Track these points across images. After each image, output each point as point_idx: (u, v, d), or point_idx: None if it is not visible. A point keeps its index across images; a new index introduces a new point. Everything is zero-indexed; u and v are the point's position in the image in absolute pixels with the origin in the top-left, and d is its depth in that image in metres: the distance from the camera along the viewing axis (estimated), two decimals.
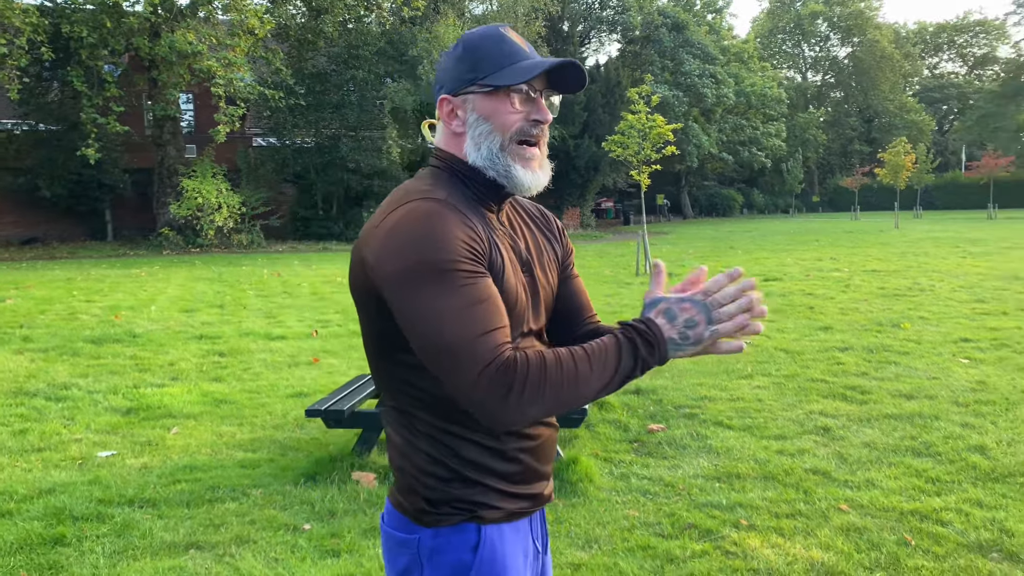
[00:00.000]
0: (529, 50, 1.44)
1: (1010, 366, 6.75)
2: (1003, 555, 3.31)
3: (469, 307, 1.27)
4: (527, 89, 1.41)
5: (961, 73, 74.66)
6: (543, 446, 1.49)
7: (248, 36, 21.97)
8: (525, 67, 1.39)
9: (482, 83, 1.41)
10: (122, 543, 3.60)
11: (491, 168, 1.42)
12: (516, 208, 1.58)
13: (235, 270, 18.09)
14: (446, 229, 1.30)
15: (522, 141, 1.42)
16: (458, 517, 1.41)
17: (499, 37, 1.44)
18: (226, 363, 7.66)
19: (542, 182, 1.46)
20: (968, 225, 32.43)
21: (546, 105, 1.45)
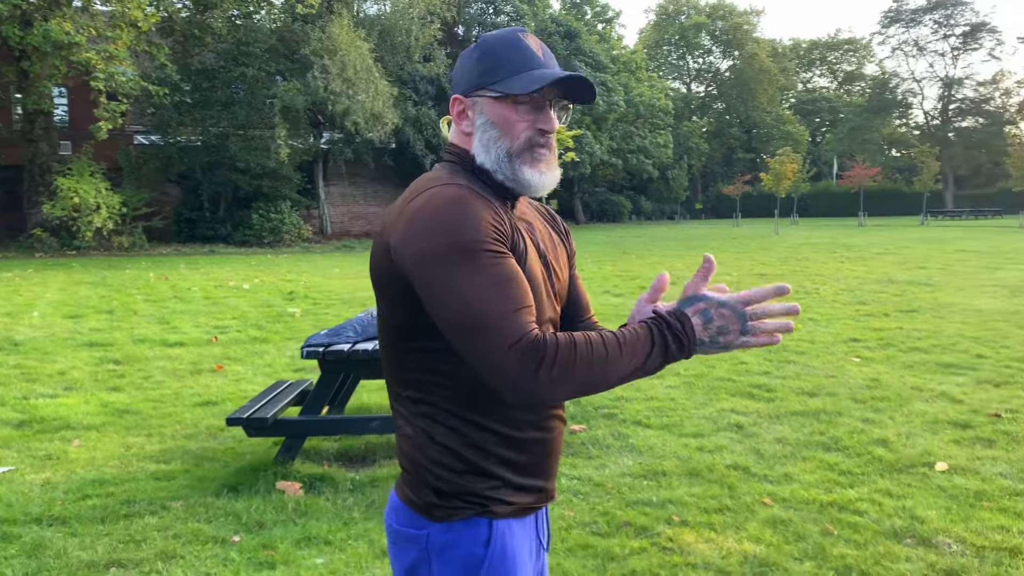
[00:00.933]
0: (543, 57, 1.46)
1: (898, 364, 7.20)
2: (916, 540, 3.52)
3: (498, 285, 1.29)
4: (537, 98, 1.44)
5: (832, 88, 79.06)
6: (555, 439, 1.52)
7: (131, 29, 20.96)
8: (535, 77, 1.41)
9: (492, 88, 1.43)
10: (35, 564, 3.37)
11: (499, 172, 1.45)
12: (530, 210, 1.62)
13: (118, 274, 17.22)
14: (472, 211, 1.32)
15: (531, 146, 1.45)
16: (469, 511, 1.41)
17: (515, 42, 1.45)
18: (123, 371, 7.28)
19: (550, 183, 1.48)
20: (841, 232, 34.38)
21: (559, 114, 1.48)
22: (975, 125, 62.74)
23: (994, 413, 5.47)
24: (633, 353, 1.31)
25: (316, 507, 3.98)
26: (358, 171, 34.46)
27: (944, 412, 5.54)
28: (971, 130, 62.40)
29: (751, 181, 55.26)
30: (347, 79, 26.19)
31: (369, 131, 27.65)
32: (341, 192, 35.23)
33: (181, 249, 26.04)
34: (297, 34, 27.95)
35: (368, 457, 4.82)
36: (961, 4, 62.80)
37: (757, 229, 38.97)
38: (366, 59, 26.95)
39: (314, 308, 11.54)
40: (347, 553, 3.47)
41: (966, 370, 6.85)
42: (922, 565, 3.28)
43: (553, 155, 1.49)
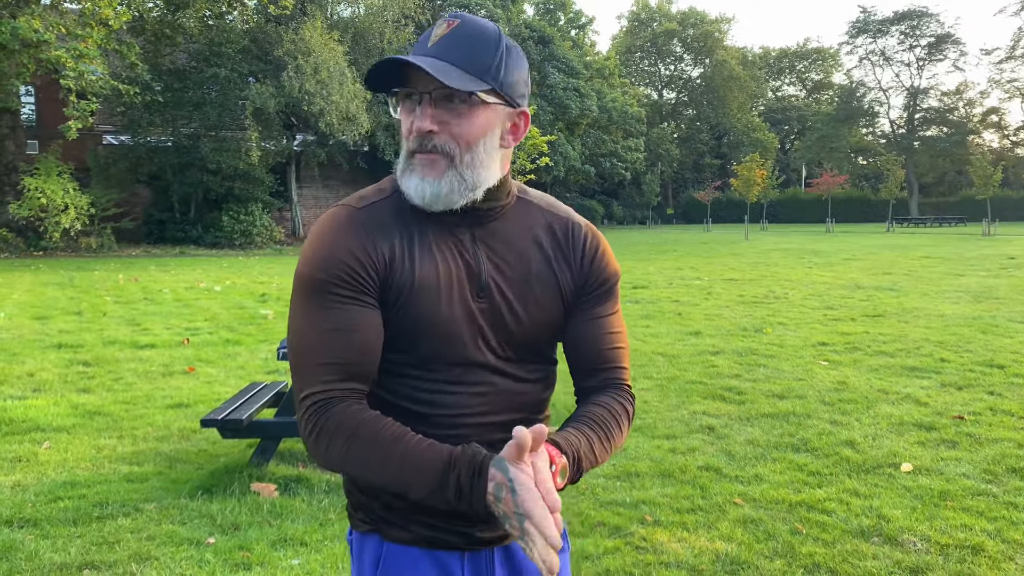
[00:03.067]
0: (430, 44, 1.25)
1: (864, 367, 7.34)
2: (883, 539, 3.61)
3: (322, 331, 1.22)
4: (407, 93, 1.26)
5: (801, 96, 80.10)
6: None
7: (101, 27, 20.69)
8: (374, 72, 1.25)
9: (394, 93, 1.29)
10: (6, 566, 3.34)
11: (400, 182, 1.29)
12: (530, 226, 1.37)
13: (87, 275, 16.99)
14: (335, 242, 1.24)
15: (414, 151, 1.26)
16: (366, 526, 1.36)
17: (424, 35, 1.28)
18: (93, 373, 7.21)
19: (440, 193, 1.25)
20: (809, 238, 34.84)
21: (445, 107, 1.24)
22: (939, 134, 63.88)
23: (957, 415, 5.60)
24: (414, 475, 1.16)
25: (291, 508, 3.98)
26: (331, 174, 34.29)
27: (909, 414, 5.66)
28: (935, 139, 63.52)
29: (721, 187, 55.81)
30: (320, 81, 26.08)
31: (343, 133, 27.54)
32: (314, 194, 35.04)
33: (151, 251, 25.75)
34: (270, 35, 27.78)
35: None
36: (927, 16, 63.97)
37: (727, 234, 39.37)
38: (340, 61, 26.86)
39: (286, 310, 11.45)
40: (323, 554, 3.48)
41: (930, 373, 7.00)
42: (888, 563, 3.36)
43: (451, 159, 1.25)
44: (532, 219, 1.38)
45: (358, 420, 1.19)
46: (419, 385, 1.29)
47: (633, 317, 10.66)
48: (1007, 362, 7.37)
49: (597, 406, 1.35)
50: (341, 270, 1.22)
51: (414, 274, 1.25)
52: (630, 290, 14.11)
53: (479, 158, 1.26)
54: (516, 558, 1.39)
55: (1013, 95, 64.80)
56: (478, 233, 1.31)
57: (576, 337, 1.39)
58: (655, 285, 15.07)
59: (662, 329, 9.68)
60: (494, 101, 1.26)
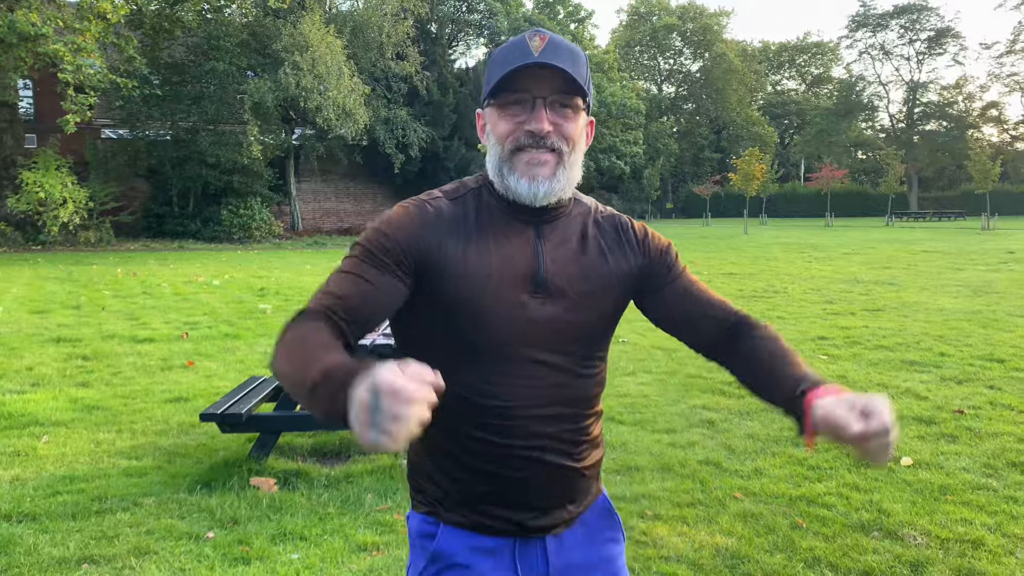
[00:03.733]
0: (540, 54, 1.31)
1: (864, 362, 7.33)
2: (883, 533, 3.60)
3: (342, 274, 1.33)
4: (524, 98, 1.34)
5: (800, 90, 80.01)
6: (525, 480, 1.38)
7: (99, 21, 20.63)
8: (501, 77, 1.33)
9: (489, 97, 1.39)
10: (5, 561, 3.33)
11: (498, 182, 1.39)
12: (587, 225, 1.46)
13: (86, 269, 16.97)
14: (388, 220, 1.37)
15: (523, 147, 1.34)
16: (425, 508, 1.45)
17: (517, 42, 1.35)
18: (91, 367, 7.19)
19: (555, 190, 1.36)
20: (809, 232, 34.83)
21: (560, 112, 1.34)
22: (939, 129, 63.86)
23: (957, 410, 5.60)
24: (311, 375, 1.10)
25: (291, 503, 3.97)
26: (330, 168, 34.27)
27: (909, 408, 5.65)
28: (935, 133, 63.50)
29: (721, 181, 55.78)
30: (319, 75, 26.03)
31: (341, 127, 27.50)
32: (313, 189, 35.01)
33: (150, 245, 25.73)
34: (268, 29, 27.73)
35: (342, 453, 4.82)
36: (927, 10, 63.87)
37: (727, 229, 39.35)
38: (338, 56, 26.79)
39: (285, 304, 11.47)
40: (322, 548, 3.47)
41: (930, 367, 7.00)
42: (888, 557, 3.36)
43: (560, 157, 1.35)
44: (585, 217, 1.47)
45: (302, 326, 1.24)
46: (466, 371, 1.33)
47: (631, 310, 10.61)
48: (1007, 356, 7.36)
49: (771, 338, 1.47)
50: (380, 242, 1.33)
51: (464, 263, 1.33)
52: None
53: (577, 159, 1.39)
54: (568, 549, 1.44)
55: (1013, 89, 64.76)
56: (544, 229, 1.40)
57: (670, 305, 1.51)
58: None
59: None
60: (584, 108, 1.38)
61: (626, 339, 8.55)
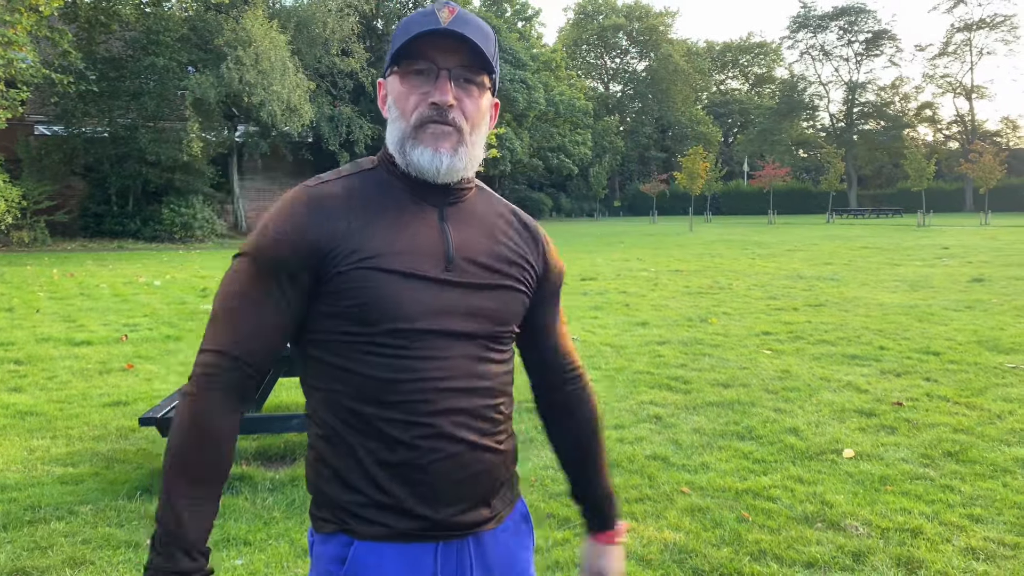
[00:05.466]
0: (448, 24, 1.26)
1: (806, 356, 7.48)
2: (826, 524, 3.67)
3: (240, 295, 1.27)
4: (426, 67, 1.27)
5: (743, 90, 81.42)
6: (439, 465, 1.28)
7: (31, 13, 19.94)
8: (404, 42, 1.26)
9: (391, 65, 1.32)
10: None
11: (399, 157, 1.31)
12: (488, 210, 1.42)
13: (19, 270, 16.42)
14: (281, 220, 1.27)
15: (428, 121, 1.28)
16: (332, 525, 1.30)
17: (424, 12, 1.29)
18: (25, 371, 6.95)
19: (458, 167, 1.30)
20: (752, 229, 35.46)
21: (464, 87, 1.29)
22: (876, 128, 65.59)
23: (896, 402, 5.74)
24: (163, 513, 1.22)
25: (235, 507, 3.88)
26: (275, 165, 33.74)
27: (850, 401, 5.78)
28: (873, 133, 65.21)
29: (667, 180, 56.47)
30: (262, 71, 25.59)
31: (286, 124, 27.08)
32: (257, 187, 34.41)
33: (87, 245, 25.01)
34: (210, 24, 27.15)
35: (287, 456, 4.74)
36: (864, 12, 65.55)
37: (673, 226, 39.84)
38: (282, 51, 26.38)
39: None
40: (267, 553, 3.40)
41: (870, 361, 7.16)
42: (832, 548, 3.42)
43: (460, 134, 1.29)
44: (496, 207, 1.44)
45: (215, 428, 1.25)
46: (373, 355, 1.26)
47: (582, 308, 10.70)
48: (942, 349, 7.58)
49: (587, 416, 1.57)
50: (281, 249, 1.25)
51: (366, 244, 1.26)
52: (579, 282, 14.17)
53: (478, 138, 1.33)
54: (487, 549, 1.36)
55: (946, 90, 66.82)
56: (447, 211, 1.34)
57: (538, 329, 1.49)
58: (603, 277, 15.15)
59: (610, 320, 9.73)
60: (488, 87, 1.33)
61: (576, 336, 8.58)
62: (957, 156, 58.87)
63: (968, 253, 19.20)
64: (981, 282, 12.96)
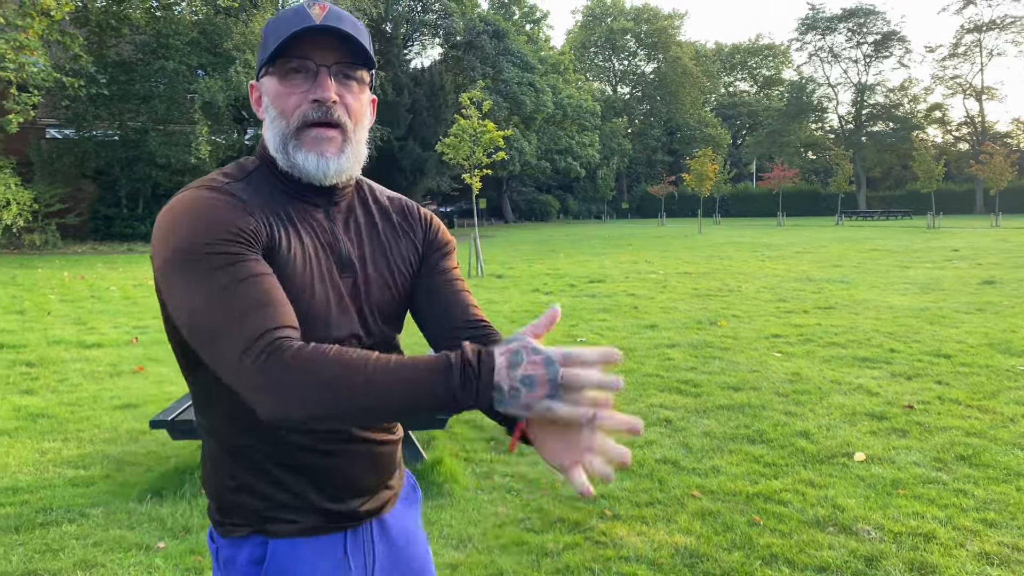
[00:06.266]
0: (322, 20, 1.22)
1: (817, 359, 7.44)
2: (838, 528, 3.65)
3: (228, 287, 1.11)
4: (302, 65, 1.24)
5: (752, 92, 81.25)
6: (343, 464, 1.31)
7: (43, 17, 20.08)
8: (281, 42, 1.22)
9: (266, 65, 1.27)
10: None
11: (281, 158, 1.27)
12: (369, 205, 1.41)
13: (30, 273, 16.51)
14: (204, 214, 1.16)
15: (311, 124, 1.24)
16: (245, 528, 1.30)
17: (295, 10, 1.25)
18: (37, 374, 6.99)
19: (344, 167, 1.28)
20: (761, 231, 35.35)
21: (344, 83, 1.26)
22: (885, 130, 65.34)
23: (907, 405, 5.71)
24: (405, 383, 1.02)
25: None
26: None
27: (861, 404, 5.75)
28: (882, 134, 64.96)
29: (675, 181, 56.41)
30: None
31: None
32: None
33: (98, 247, 25.12)
34: (219, 28, 27.26)
35: None
36: (873, 14, 65.34)
37: (681, 228, 39.76)
38: None
39: None
40: None
41: (880, 364, 7.13)
42: (844, 552, 3.40)
43: (344, 133, 1.27)
44: (372, 197, 1.43)
45: (319, 352, 1.05)
46: None
47: (590, 311, 10.69)
48: (954, 352, 7.54)
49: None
50: (227, 230, 1.15)
51: (284, 252, 1.22)
52: (586, 284, 14.16)
53: (362, 136, 1.31)
54: (389, 528, 1.42)
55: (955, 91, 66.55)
56: (331, 211, 1.33)
57: (437, 299, 1.40)
58: (611, 279, 15.14)
59: (618, 323, 9.72)
60: (367, 82, 1.31)
61: (584, 338, 8.57)
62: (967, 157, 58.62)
63: (979, 255, 19.10)
64: (992, 284, 12.89)
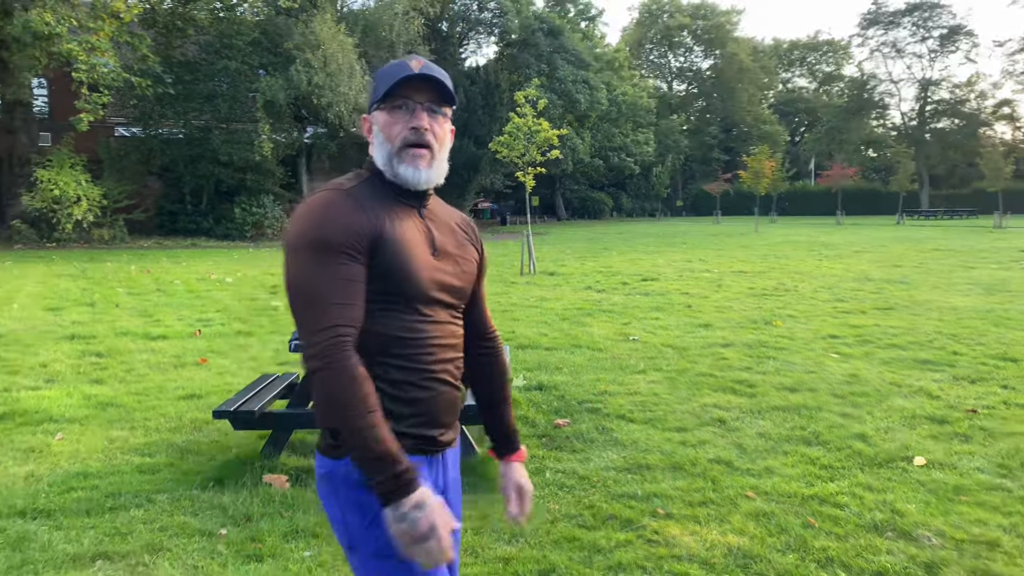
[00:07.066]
0: (419, 70, 1.69)
1: (876, 360, 7.30)
2: (897, 534, 3.59)
3: (327, 279, 1.57)
4: (408, 103, 1.71)
5: (811, 88, 79.60)
6: (437, 399, 1.73)
7: (113, 20, 20.74)
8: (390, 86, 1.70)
9: (378, 103, 1.74)
10: (19, 557, 3.36)
11: (388, 171, 1.73)
12: (444, 212, 1.86)
13: (99, 266, 17.07)
14: (330, 213, 1.61)
15: (409, 144, 1.70)
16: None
17: (398, 63, 1.73)
18: (105, 364, 7.24)
19: (432, 178, 1.74)
20: (819, 230, 34.68)
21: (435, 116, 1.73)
22: (951, 126, 63.40)
23: (970, 409, 5.57)
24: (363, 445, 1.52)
25: (303, 500, 3.99)
26: (342, 166, 34.21)
27: (922, 408, 5.63)
28: (947, 131, 63.05)
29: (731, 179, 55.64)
30: (330, 73, 26.08)
31: (353, 125, 27.55)
32: None
33: (162, 242, 25.84)
34: (280, 28, 27.78)
35: None
36: (939, 7, 63.40)
37: (737, 227, 39.22)
38: (349, 54, 26.83)
39: None
40: (334, 546, 3.48)
41: (943, 366, 6.96)
42: (903, 558, 3.34)
43: (432, 152, 1.72)
44: (447, 210, 1.89)
45: (358, 374, 1.54)
46: (404, 318, 1.67)
47: (643, 309, 10.64)
48: (1021, 355, 7.32)
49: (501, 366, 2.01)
50: (348, 234, 1.59)
51: (396, 235, 1.65)
52: (639, 282, 14.09)
53: (444, 156, 1.78)
54: (449, 464, 1.85)
55: None
56: (422, 211, 1.78)
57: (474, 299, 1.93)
58: (665, 277, 15.03)
59: (672, 321, 9.65)
60: (449, 117, 1.78)
61: (636, 336, 8.54)
62: None
63: None
64: None
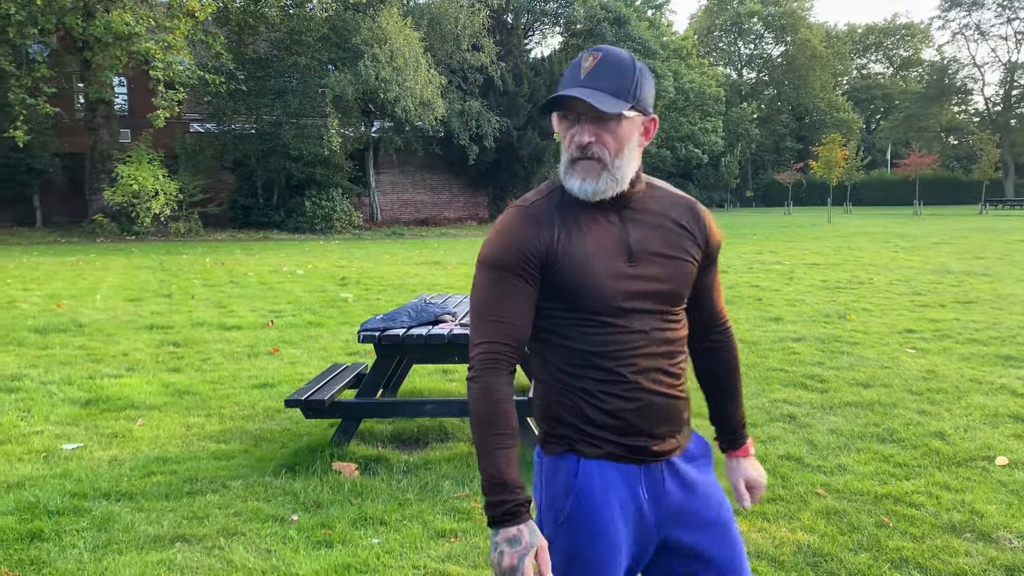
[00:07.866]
0: (585, 76, 1.61)
1: (955, 356, 7.05)
2: (976, 535, 3.47)
3: (497, 297, 1.65)
4: (567, 112, 1.64)
5: (887, 74, 77.10)
6: (644, 408, 1.69)
7: (188, 19, 21.37)
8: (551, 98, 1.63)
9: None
10: (104, 537, 3.51)
11: (564, 182, 1.70)
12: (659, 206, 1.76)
13: (176, 259, 17.64)
14: (506, 233, 1.67)
15: (576, 159, 1.65)
16: (561, 447, 1.73)
17: (575, 63, 1.67)
18: (182, 353, 7.49)
19: (601, 188, 1.66)
20: (895, 221, 33.60)
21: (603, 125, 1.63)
22: None
23: None
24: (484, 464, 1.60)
25: (371, 488, 4.06)
26: (408, 159, 34.67)
27: (1004, 406, 5.42)
28: None
29: (803, 169, 54.29)
30: (397, 68, 26.35)
31: (419, 119, 27.81)
32: (391, 180, 35.49)
33: (236, 235, 26.56)
34: (348, 23, 28.17)
35: (421, 440, 4.90)
36: None
37: (809, 217, 38.29)
38: (415, 48, 27.06)
39: (366, 294, 11.70)
40: (402, 533, 3.54)
41: None
42: (982, 560, 3.23)
43: (603, 162, 1.64)
44: (664, 202, 1.78)
45: (503, 397, 1.62)
46: (586, 330, 1.67)
47: None
48: None
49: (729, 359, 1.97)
50: (517, 254, 1.65)
51: (572, 248, 1.65)
52: None
53: (624, 159, 1.66)
54: (680, 471, 1.77)
55: None
56: (624, 213, 1.71)
57: (700, 290, 1.85)
58: (734, 269, 14.78)
59: (741, 315, 9.50)
60: (633, 115, 1.64)
61: None
62: None
63: None
64: None
